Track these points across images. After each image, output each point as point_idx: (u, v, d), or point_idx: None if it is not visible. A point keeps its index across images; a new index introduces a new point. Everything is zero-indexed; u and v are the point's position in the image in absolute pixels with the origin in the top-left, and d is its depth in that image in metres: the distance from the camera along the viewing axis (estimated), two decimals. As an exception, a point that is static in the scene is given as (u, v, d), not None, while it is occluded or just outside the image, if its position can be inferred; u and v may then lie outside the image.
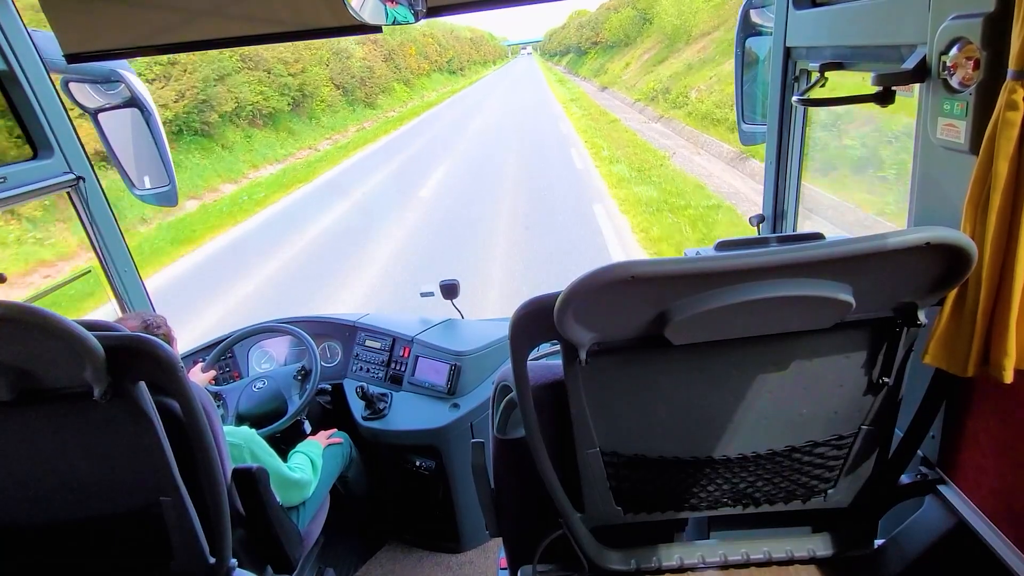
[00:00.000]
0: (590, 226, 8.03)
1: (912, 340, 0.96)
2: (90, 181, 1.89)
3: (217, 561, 1.23)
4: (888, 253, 0.78)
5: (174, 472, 1.13)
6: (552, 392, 1.04)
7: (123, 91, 1.93)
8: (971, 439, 1.09)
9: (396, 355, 2.34)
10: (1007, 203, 0.85)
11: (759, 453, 1.06)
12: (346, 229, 9.27)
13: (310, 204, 11.38)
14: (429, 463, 2.23)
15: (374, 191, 12.15)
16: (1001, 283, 0.88)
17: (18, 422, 1.06)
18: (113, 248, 2.01)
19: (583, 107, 24.15)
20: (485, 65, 76.89)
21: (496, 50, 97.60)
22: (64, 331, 0.94)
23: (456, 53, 55.69)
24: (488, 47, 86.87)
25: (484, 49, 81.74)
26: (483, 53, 79.30)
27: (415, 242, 8.14)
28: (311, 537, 1.92)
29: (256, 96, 16.46)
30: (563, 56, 68.90)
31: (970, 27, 0.92)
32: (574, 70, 49.66)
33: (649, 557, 1.20)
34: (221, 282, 7.27)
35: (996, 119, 0.84)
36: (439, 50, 46.75)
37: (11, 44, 1.65)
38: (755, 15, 2.00)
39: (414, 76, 36.73)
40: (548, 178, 11.36)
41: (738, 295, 0.82)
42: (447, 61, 50.20)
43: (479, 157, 14.81)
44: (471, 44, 69.52)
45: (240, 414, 2.09)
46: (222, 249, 9.03)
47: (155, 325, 1.54)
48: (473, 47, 70.43)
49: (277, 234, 9.36)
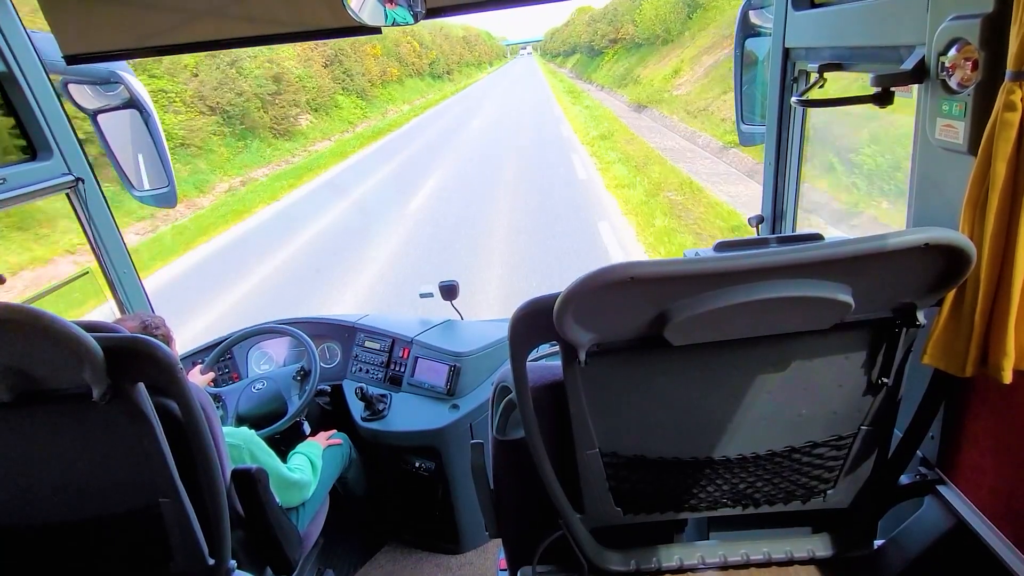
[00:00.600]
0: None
1: (911, 341, 0.96)
2: (89, 182, 1.89)
3: (216, 562, 1.23)
4: (887, 254, 0.78)
5: (173, 473, 1.13)
6: (551, 393, 1.04)
7: (122, 92, 1.93)
8: (970, 439, 1.09)
9: (395, 356, 2.34)
10: (1005, 203, 0.85)
11: (759, 454, 1.06)
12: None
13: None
14: (428, 464, 2.23)
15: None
16: (1000, 283, 0.88)
17: (17, 423, 1.06)
18: (112, 249, 2.01)
19: (621, 149, 13.32)
20: (480, 67, 69.93)
21: (493, 50, 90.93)
22: (63, 332, 0.94)
23: (442, 54, 47.69)
24: (483, 47, 79.38)
25: (479, 49, 74.73)
26: (477, 54, 72.51)
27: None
28: (310, 538, 1.92)
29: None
30: (568, 57, 60.23)
31: (968, 28, 0.92)
32: (586, 75, 39.55)
33: (649, 558, 1.20)
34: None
35: (994, 120, 0.84)
36: (419, 51, 38.78)
37: (10, 45, 1.65)
38: (754, 16, 2.00)
39: (375, 85, 27.71)
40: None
41: (737, 296, 0.82)
42: (429, 64, 41.87)
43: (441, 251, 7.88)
44: (464, 44, 62.65)
45: (239, 415, 2.08)
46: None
47: (154, 326, 1.54)
48: (466, 47, 63.60)
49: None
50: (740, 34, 2.04)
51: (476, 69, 66.43)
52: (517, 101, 30.43)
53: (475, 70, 65.14)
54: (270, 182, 13.99)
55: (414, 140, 18.96)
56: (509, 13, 54.50)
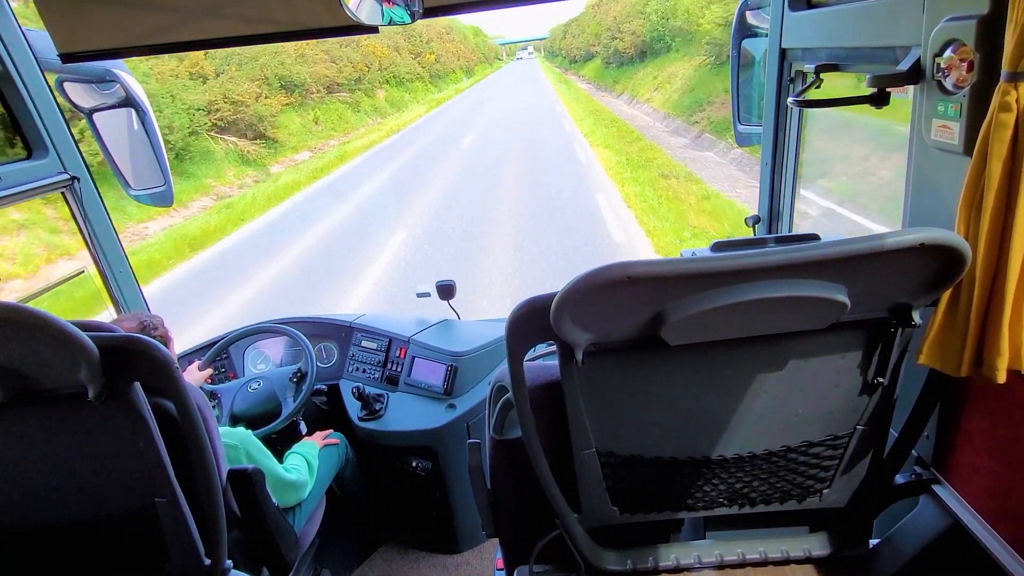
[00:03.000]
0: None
1: (907, 341, 0.96)
2: (85, 181, 1.88)
3: (212, 562, 1.22)
4: (883, 254, 0.79)
5: (169, 473, 1.12)
6: (548, 393, 1.04)
7: (118, 91, 1.93)
8: (965, 439, 1.09)
9: (392, 356, 2.34)
10: (1000, 204, 0.85)
11: (755, 453, 1.06)
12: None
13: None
14: (425, 464, 2.23)
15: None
16: (994, 284, 0.89)
17: (12, 423, 1.06)
18: (108, 249, 2.00)
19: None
20: (449, 80, 44.07)
21: (482, 51, 67.86)
22: (58, 332, 0.94)
23: (391, 64, 29.98)
24: (466, 48, 55.83)
25: (465, 51, 54.09)
26: (464, 59, 52.48)
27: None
28: (307, 538, 1.92)
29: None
30: (583, 63, 41.62)
31: (964, 29, 0.92)
32: (635, 95, 22.55)
33: (645, 557, 1.20)
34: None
35: (989, 120, 0.85)
36: (338, 69, 23.67)
37: (5, 43, 1.65)
38: (751, 16, 2.01)
39: (216, 139, 15.64)
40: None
41: (734, 296, 0.82)
42: (355, 81, 25.12)
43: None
44: (439, 43, 42.58)
45: (235, 414, 2.08)
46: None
47: (152, 326, 1.53)
48: (442, 43, 43.63)
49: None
50: (737, 35, 2.05)
51: (448, 82, 43.58)
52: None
53: (446, 83, 42.61)
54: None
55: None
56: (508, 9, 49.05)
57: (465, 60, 53.90)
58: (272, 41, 1.56)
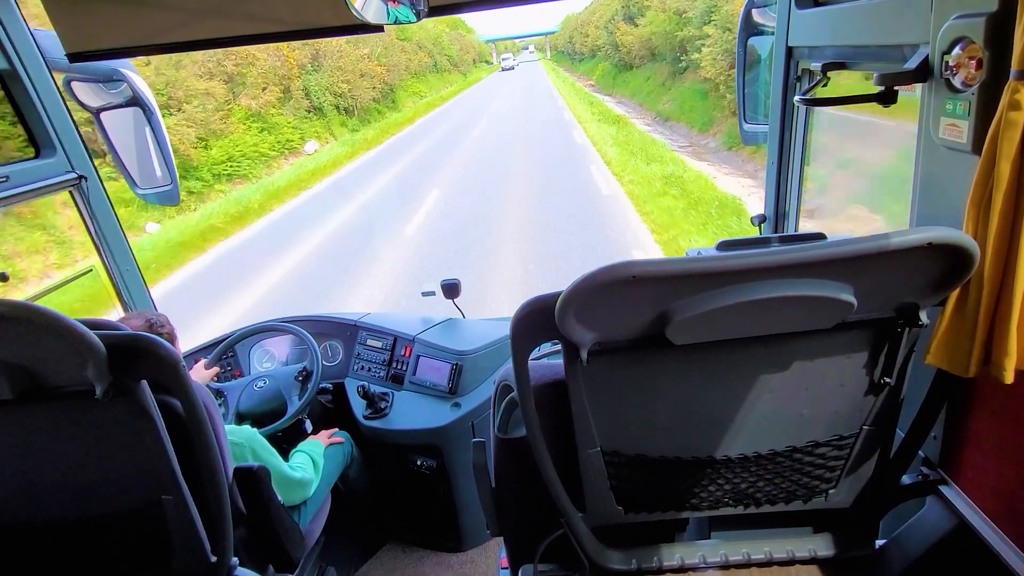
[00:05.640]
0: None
1: (914, 340, 0.96)
2: (92, 180, 1.89)
3: (218, 560, 1.23)
4: (890, 253, 0.78)
5: (175, 471, 1.13)
6: (553, 392, 1.03)
7: (125, 90, 1.94)
8: (972, 439, 1.08)
9: (397, 354, 2.34)
10: (1009, 203, 0.85)
11: (760, 453, 1.06)
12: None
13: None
14: (430, 462, 2.23)
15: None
16: (1003, 283, 0.88)
17: (19, 420, 1.07)
18: (115, 247, 2.01)
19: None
20: (399, 104, 27.55)
21: (468, 53, 50.71)
22: (66, 329, 0.94)
23: (312, 85, 19.36)
24: (439, 51, 37.86)
25: (443, 56, 38.47)
26: (450, 72, 35.82)
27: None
28: (312, 536, 1.92)
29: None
30: (623, 70, 25.80)
31: (973, 27, 0.91)
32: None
33: (650, 557, 1.20)
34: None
35: (999, 119, 0.84)
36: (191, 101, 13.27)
37: (13, 43, 1.66)
38: (757, 14, 1.99)
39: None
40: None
41: (739, 295, 0.81)
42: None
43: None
44: (403, 52, 29.87)
45: (240, 413, 2.09)
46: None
47: (159, 324, 1.54)
48: (406, 54, 30.50)
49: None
50: (743, 33, 2.04)
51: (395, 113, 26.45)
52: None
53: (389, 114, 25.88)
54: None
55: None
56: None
57: (450, 65, 35.04)
58: (277, 40, 1.57)
